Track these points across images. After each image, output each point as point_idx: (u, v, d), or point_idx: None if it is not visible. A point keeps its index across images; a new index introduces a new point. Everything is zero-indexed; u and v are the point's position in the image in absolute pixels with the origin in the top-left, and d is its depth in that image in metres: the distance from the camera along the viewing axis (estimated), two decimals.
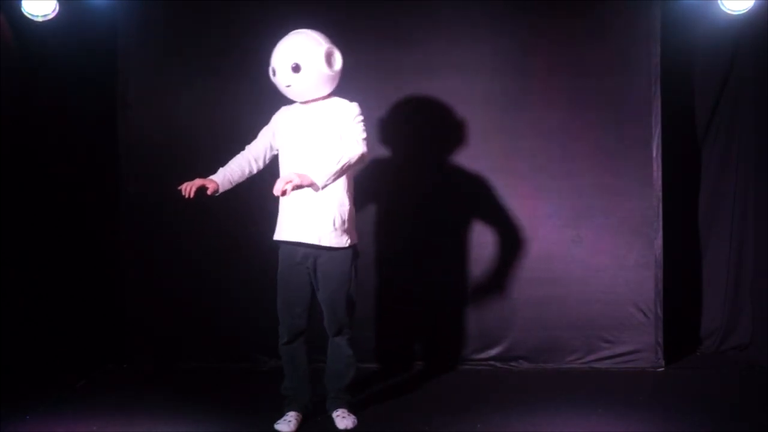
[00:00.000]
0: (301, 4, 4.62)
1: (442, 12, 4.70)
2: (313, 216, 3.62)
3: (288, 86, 3.67)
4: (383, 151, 4.64)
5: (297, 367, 3.77)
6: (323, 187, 3.40)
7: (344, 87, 3.84)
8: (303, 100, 3.73)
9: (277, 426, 3.69)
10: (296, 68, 3.61)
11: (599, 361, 4.72)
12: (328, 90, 3.72)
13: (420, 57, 4.69)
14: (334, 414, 3.79)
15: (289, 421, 3.70)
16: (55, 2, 4.41)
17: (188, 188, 3.61)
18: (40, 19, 4.42)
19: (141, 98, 4.76)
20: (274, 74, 3.69)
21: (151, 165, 4.75)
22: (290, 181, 3.30)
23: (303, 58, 3.61)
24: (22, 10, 4.40)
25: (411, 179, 4.71)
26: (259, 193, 4.42)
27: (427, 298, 4.77)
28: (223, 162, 4.66)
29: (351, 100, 3.73)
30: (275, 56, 3.68)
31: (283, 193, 3.32)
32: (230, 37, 4.73)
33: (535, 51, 4.71)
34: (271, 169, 3.82)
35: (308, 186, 3.35)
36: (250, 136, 3.94)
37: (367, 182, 4.59)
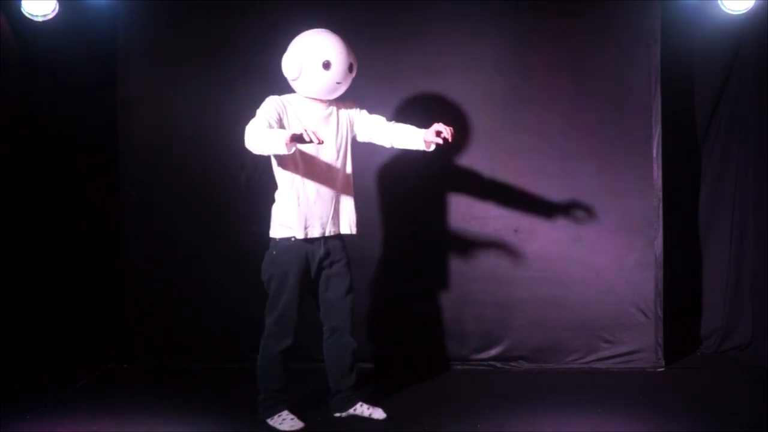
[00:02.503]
0: (301, 4, 4.62)
1: (442, 12, 4.70)
2: (336, 208, 3.73)
3: (338, 83, 3.66)
4: (382, 151, 4.63)
5: (288, 368, 3.77)
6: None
7: None
8: (326, 98, 3.72)
9: (282, 426, 3.69)
10: (351, 68, 3.68)
11: (599, 361, 4.72)
12: None
13: (420, 57, 4.69)
14: (356, 410, 3.82)
15: (292, 418, 3.72)
16: (55, 2, 4.41)
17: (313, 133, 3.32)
18: (40, 19, 4.41)
19: (141, 98, 4.76)
20: (326, 68, 3.59)
21: (151, 165, 4.76)
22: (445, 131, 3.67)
23: (354, 60, 3.70)
24: (22, 10, 4.39)
25: (410, 179, 4.71)
26: (259, 193, 4.44)
27: (426, 298, 4.77)
28: (222, 162, 4.69)
29: (350, 99, 3.84)
30: (333, 50, 3.62)
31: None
32: (230, 37, 4.73)
33: (535, 51, 4.71)
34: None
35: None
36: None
37: (366, 181, 4.60)
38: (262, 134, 3.42)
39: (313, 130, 3.31)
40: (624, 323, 4.71)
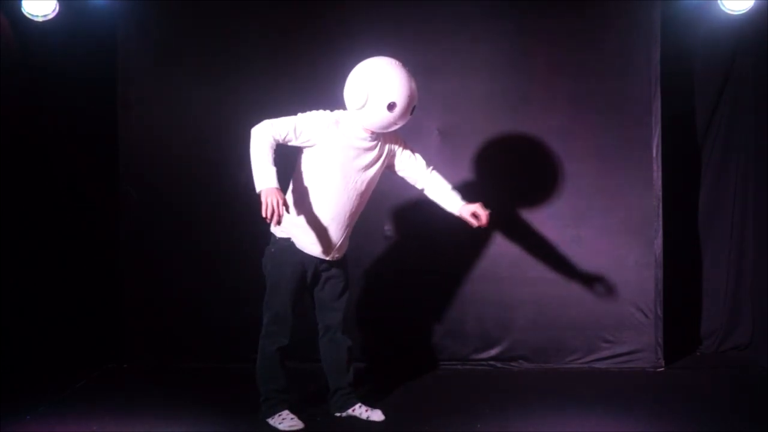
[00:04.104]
0: (301, 5, 4.63)
1: (442, 12, 4.70)
2: (343, 238, 3.71)
3: (396, 125, 3.57)
4: None
5: (285, 368, 3.77)
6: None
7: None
8: (377, 132, 3.61)
9: (282, 426, 3.69)
10: (412, 111, 3.59)
11: (599, 361, 4.73)
12: None
13: (420, 57, 4.66)
14: (354, 411, 3.82)
15: (292, 418, 3.71)
16: (55, 2, 4.41)
17: (278, 211, 3.30)
18: (40, 19, 4.42)
19: (141, 98, 4.76)
20: (390, 109, 3.48)
21: (151, 165, 4.76)
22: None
23: (416, 102, 3.60)
24: (22, 10, 4.40)
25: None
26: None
27: (426, 298, 4.77)
28: (222, 162, 4.68)
29: (398, 134, 3.79)
30: (402, 94, 3.49)
31: None
32: (230, 37, 4.72)
33: (535, 51, 4.72)
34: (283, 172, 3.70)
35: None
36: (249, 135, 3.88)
37: None
38: (256, 157, 3.40)
39: (279, 215, 3.28)
40: (624, 323, 4.71)
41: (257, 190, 3.36)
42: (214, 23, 4.74)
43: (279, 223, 3.33)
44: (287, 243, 3.66)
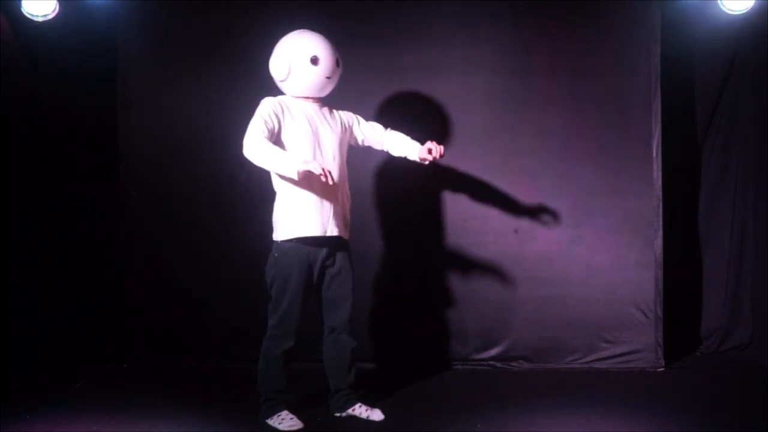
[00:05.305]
0: (301, 4, 4.63)
1: (442, 12, 4.70)
2: (337, 210, 3.71)
3: (328, 78, 3.71)
4: (381, 151, 4.63)
5: (287, 369, 3.77)
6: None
7: (344, 87, 3.85)
8: (317, 96, 3.76)
9: (281, 426, 3.68)
10: (338, 63, 3.74)
11: (599, 361, 4.73)
12: None
13: (420, 57, 4.69)
14: (354, 411, 3.82)
15: (292, 418, 3.71)
16: (55, 2, 4.41)
17: (326, 167, 3.48)
18: (40, 19, 4.42)
19: (141, 98, 4.76)
20: (314, 63, 3.65)
21: (151, 165, 4.76)
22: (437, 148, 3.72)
23: (339, 56, 3.75)
24: (22, 10, 4.40)
25: (410, 179, 4.70)
26: (259, 193, 4.44)
27: (426, 298, 4.77)
28: (222, 161, 4.68)
29: (351, 100, 3.88)
30: (319, 46, 3.69)
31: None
32: (230, 37, 4.73)
33: (535, 51, 4.72)
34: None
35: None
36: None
37: (365, 182, 4.61)
38: (270, 153, 3.47)
39: (329, 170, 3.41)
40: (624, 323, 4.71)
41: (296, 171, 3.42)
42: (214, 23, 4.74)
43: (334, 179, 3.47)
44: (290, 244, 3.66)
